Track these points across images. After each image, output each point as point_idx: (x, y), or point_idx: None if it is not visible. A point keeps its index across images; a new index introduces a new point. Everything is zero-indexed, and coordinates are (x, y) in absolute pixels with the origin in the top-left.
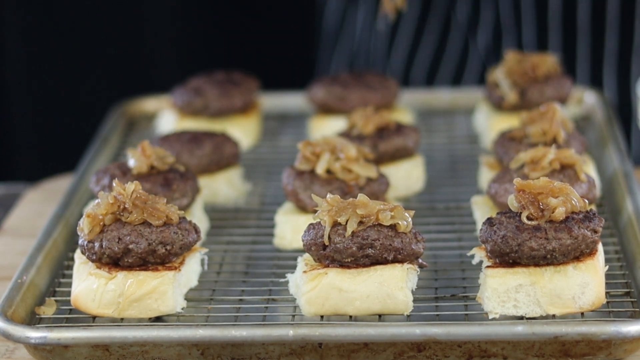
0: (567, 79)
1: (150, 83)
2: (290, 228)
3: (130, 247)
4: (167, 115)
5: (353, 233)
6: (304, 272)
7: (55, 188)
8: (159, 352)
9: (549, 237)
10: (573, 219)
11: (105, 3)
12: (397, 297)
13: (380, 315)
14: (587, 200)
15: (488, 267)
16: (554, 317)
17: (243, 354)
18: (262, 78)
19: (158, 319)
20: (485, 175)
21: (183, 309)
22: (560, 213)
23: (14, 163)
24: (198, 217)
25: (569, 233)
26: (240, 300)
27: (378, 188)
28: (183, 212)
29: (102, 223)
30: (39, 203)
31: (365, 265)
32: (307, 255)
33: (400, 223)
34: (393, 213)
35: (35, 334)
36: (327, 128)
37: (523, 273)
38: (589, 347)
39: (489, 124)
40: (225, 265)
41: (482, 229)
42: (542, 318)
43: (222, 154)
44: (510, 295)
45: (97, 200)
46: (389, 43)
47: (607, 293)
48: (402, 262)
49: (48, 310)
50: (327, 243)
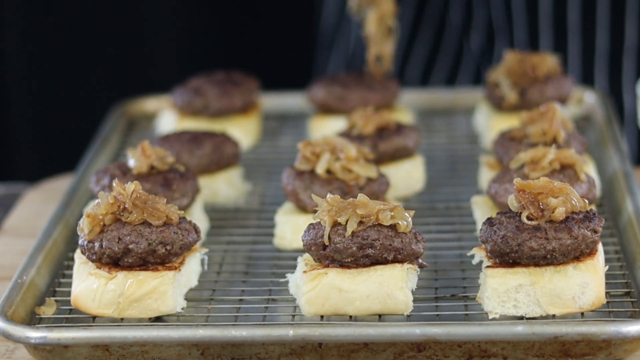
0: (567, 79)
1: (150, 83)
2: (290, 228)
3: (130, 247)
4: (167, 115)
5: (353, 233)
6: (304, 272)
7: (55, 188)
8: (159, 352)
9: (549, 237)
10: (573, 219)
11: (105, 3)
12: (397, 297)
13: (380, 315)
14: (587, 200)
15: (488, 267)
16: (554, 317)
17: (243, 354)
18: (262, 78)
19: (158, 319)
20: (485, 175)
21: (183, 309)
22: (560, 213)
23: (14, 163)
24: (198, 217)
25: (569, 233)
26: (240, 300)
27: (378, 188)
28: (183, 212)
29: (102, 223)
30: (39, 203)
31: (365, 265)
32: (307, 255)
33: (400, 223)
34: (393, 213)
35: (35, 334)
36: (327, 128)
37: (523, 273)
38: (589, 347)
39: (489, 124)
40: (225, 265)
41: (482, 229)
42: (542, 318)
43: (222, 154)
44: (510, 295)
45: (97, 200)
46: None
47: (607, 293)
48: (402, 262)
49: (48, 310)
50: (327, 243)
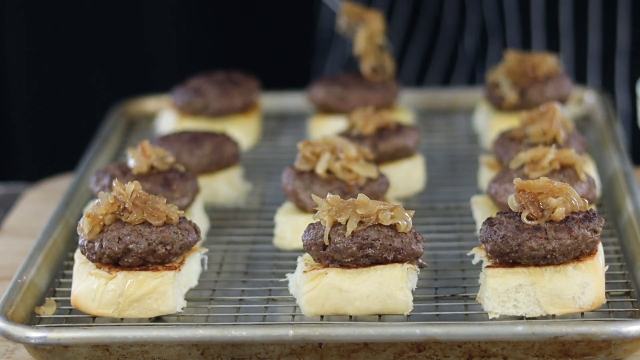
0: (567, 79)
1: (150, 83)
2: (290, 228)
3: (130, 247)
4: (167, 115)
5: (353, 233)
6: (304, 272)
7: (55, 188)
8: (159, 352)
9: (549, 237)
10: (573, 219)
11: (105, 3)
12: (397, 297)
13: (380, 315)
14: (587, 200)
15: (488, 267)
16: (554, 317)
17: (243, 354)
18: (262, 78)
19: (158, 319)
20: (485, 175)
21: (183, 309)
22: (560, 213)
23: (14, 163)
24: (198, 217)
25: (569, 233)
26: (240, 300)
27: (378, 188)
28: (183, 212)
29: (102, 223)
30: (39, 203)
31: (365, 265)
32: (307, 255)
33: (400, 223)
34: (393, 213)
35: (35, 334)
36: (327, 128)
37: (523, 273)
38: (589, 347)
39: (489, 124)
40: (225, 265)
41: (482, 229)
42: (542, 318)
43: (222, 154)
44: (510, 295)
45: (97, 200)
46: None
47: (607, 293)
48: (402, 262)
49: (48, 310)
50: (327, 243)
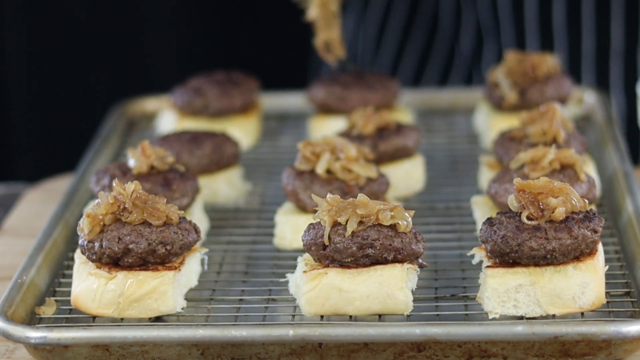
0: (567, 79)
1: (150, 83)
2: (290, 228)
3: (130, 247)
4: (167, 115)
5: (353, 233)
6: (304, 272)
7: (55, 188)
8: (159, 352)
9: (549, 237)
10: (573, 219)
11: (105, 3)
12: (397, 297)
13: (380, 315)
14: (587, 200)
15: (488, 267)
16: (554, 317)
17: (243, 354)
18: (262, 78)
19: (158, 319)
20: (485, 175)
21: (183, 309)
22: (560, 213)
23: (14, 163)
24: (198, 217)
25: (569, 233)
26: (240, 300)
27: (378, 188)
28: (183, 212)
29: (102, 223)
30: (39, 203)
31: (365, 265)
32: (307, 255)
33: (400, 223)
34: (393, 213)
35: (35, 334)
36: (327, 128)
37: (523, 273)
38: (589, 347)
39: (489, 124)
40: (225, 265)
41: (482, 229)
42: (542, 318)
43: (222, 154)
44: (510, 295)
45: (97, 200)
46: (377, 47)
47: (607, 293)
48: (402, 262)
49: (48, 310)
50: (327, 243)
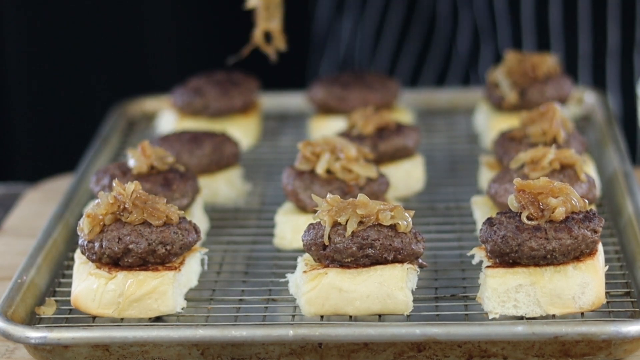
0: (567, 79)
1: (150, 83)
2: (290, 228)
3: (130, 247)
4: (167, 115)
5: (353, 233)
6: (304, 272)
7: (55, 188)
8: (159, 352)
9: (549, 237)
10: (573, 219)
11: (105, 3)
12: (397, 297)
13: (380, 315)
14: (587, 200)
15: (488, 267)
16: (554, 317)
17: (243, 354)
18: (262, 78)
19: (158, 319)
20: (485, 175)
21: (183, 309)
22: (560, 213)
23: (14, 163)
24: (198, 217)
25: (569, 233)
26: (240, 300)
27: (378, 188)
28: (183, 212)
29: (102, 223)
30: (39, 203)
31: (365, 265)
32: (307, 255)
33: (400, 223)
34: (393, 213)
35: (35, 334)
36: (327, 128)
37: (523, 273)
38: (589, 347)
39: (489, 124)
40: (225, 265)
41: (482, 229)
42: (542, 318)
43: (222, 154)
44: (510, 295)
45: (97, 200)
46: (374, 47)
47: (607, 293)
48: (402, 262)
49: (48, 310)
50: (327, 243)
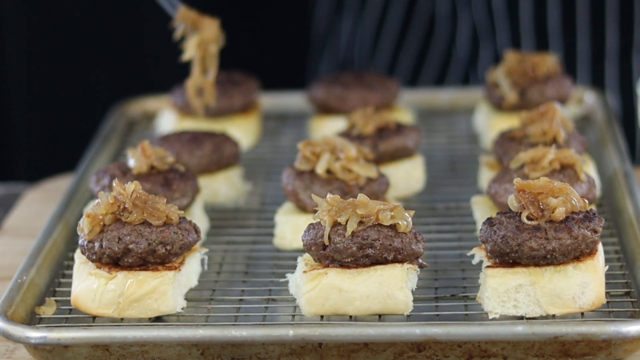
0: (567, 79)
1: (150, 83)
2: (290, 228)
3: (130, 247)
4: (167, 115)
5: (353, 233)
6: (304, 272)
7: (55, 188)
8: (159, 352)
9: (549, 237)
10: (573, 219)
11: (105, 3)
12: (397, 297)
13: (380, 315)
14: (587, 200)
15: (488, 267)
16: (554, 317)
17: (243, 354)
18: (262, 78)
19: (158, 319)
20: (485, 175)
21: (183, 309)
22: (560, 213)
23: (14, 163)
24: (198, 217)
25: (569, 233)
26: (240, 300)
27: (378, 188)
28: (183, 212)
29: (102, 223)
30: (39, 203)
31: (365, 265)
32: (307, 255)
33: (400, 223)
34: (393, 213)
35: (35, 334)
36: (327, 128)
37: (523, 273)
38: (589, 347)
39: (489, 124)
40: (225, 265)
41: (482, 229)
42: (542, 318)
43: (222, 154)
44: (510, 295)
45: (97, 200)
46: (373, 48)
47: (607, 293)
48: (402, 262)
49: (48, 310)
50: (327, 243)
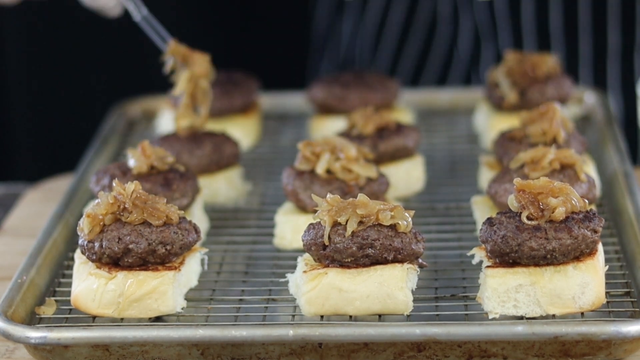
0: (567, 79)
1: (150, 83)
2: (290, 228)
3: (130, 247)
4: (167, 115)
5: (353, 233)
6: (304, 272)
7: (55, 188)
8: (159, 352)
9: (549, 237)
10: (573, 219)
11: None
12: (397, 297)
13: (380, 315)
14: (587, 200)
15: (488, 267)
16: (554, 317)
17: (243, 354)
18: (262, 78)
19: (158, 319)
20: (485, 175)
21: (183, 309)
22: (560, 213)
23: (14, 163)
24: (198, 217)
25: (569, 233)
26: (240, 300)
27: (378, 188)
28: (183, 212)
29: (102, 223)
30: (39, 203)
31: (365, 265)
32: (307, 255)
33: (400, 223)
34: (393, 213)
35: (35, 334)
36: (327, 128)
37: (523, 273)
38: (589, 347)
39: (489, 124)
40: (225, 265)
41: (482, 229)
42: (542, 318)
43: (222, 154)
44: (510, 295)
45: (97, 200)
46: (374, 49)
47: (607, 293)
48: (402, 262)
49: (48, 310)
50: (327, 243)
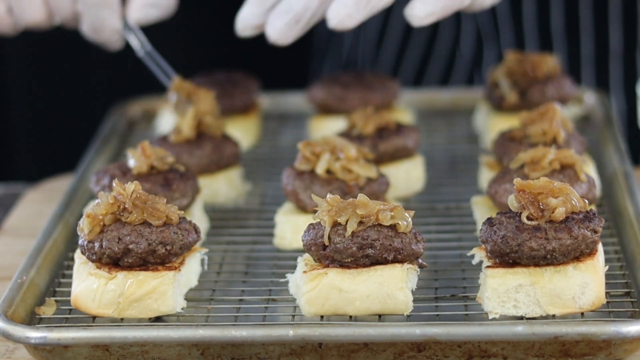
0: (567, 79)
1: (150, 83)
2: (290, 228)
3: (130, 247)
4: (167, 115)
5: (353, 233)
6: (304, 272)
7: (55, 188)
8: (159, 352)
9: (549, 237)
10: (573, 219)
11: None
12: (397, 297)
13: (380, 315)
14: (587, 200)
15: (488, 267)
16: (554, 317)
17: (243, 354)
18: (262, 78)
19: (158, 319)
20: (485, 175)
21: (183, 309)
22: (560, 213)
23: (14, 163)
24: (198, 217)
25: (569, 233)
26: (240, 300)
27: (378, 188)
28: (183, 212)
29: (102, 223)
30: (39, 203)
31: (365, 265)
32: (307, 255)
33: (400, 223)
34: (393, 213)
35: (35, 334)
36: (327, 128)
37: (523, 273)
38: (589, 347)
39: (489, 124)
40: (225, 265)
41: (482, 229)
42: (542, 318)
43: (222, 154)
44: (510, 296)
45: (97, 200)
46: (377, 50)
47: (607, 293)
48: (402, 262)
49: (48, 310)
50: (327, 243)
